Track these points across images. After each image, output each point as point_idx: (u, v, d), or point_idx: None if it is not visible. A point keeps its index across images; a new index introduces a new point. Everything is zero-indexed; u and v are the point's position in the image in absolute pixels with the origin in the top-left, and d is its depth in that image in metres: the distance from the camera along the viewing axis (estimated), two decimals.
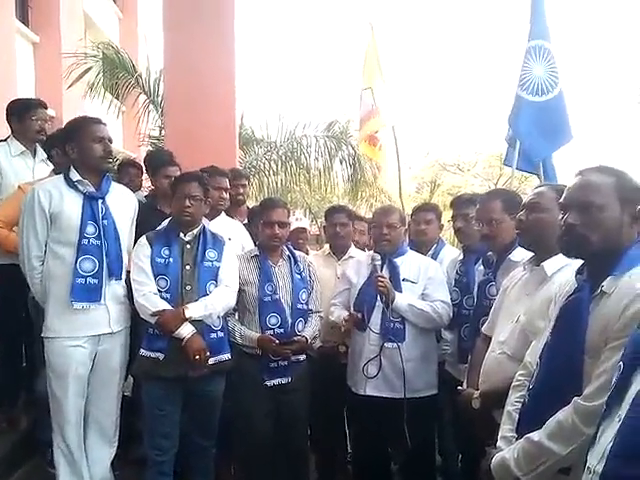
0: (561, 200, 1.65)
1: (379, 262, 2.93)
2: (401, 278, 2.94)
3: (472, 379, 2.25)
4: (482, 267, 2.75)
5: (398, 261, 2.98)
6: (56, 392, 2.63)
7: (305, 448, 3.09)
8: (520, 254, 2.33)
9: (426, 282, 2.95)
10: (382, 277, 2.86)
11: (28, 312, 3.18)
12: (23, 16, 9.89)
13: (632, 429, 1.09)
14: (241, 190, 3.80)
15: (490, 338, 2.24)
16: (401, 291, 2.90)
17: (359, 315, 2.91)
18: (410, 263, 3.01)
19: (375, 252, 3.01)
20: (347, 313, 2.98)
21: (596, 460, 1.18)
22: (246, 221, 3.76)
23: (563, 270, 1.96)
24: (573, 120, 4.48)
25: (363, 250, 3.76)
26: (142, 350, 2.65)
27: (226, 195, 3.37)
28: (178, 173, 3.25)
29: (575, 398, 1.45)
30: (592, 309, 1.52)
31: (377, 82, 5.45)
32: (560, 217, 1.63)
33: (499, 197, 2.60)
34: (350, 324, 2.92)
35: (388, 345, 2.85)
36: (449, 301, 2.93)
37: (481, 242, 2.71)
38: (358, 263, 3.13)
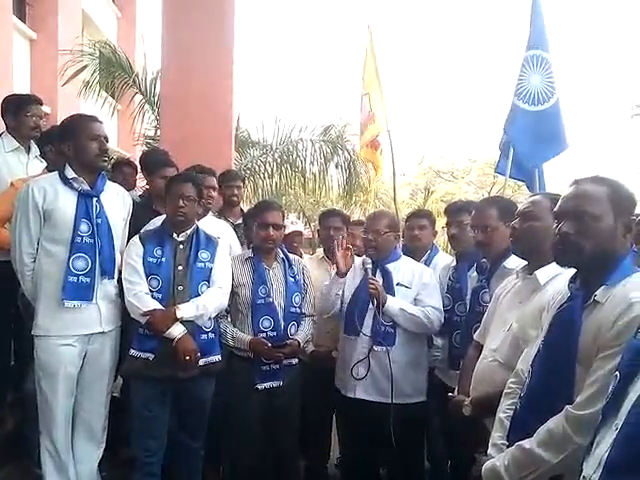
0: (556, 209, 1.66)
1: (370, 266, 2.95)
2: (395, 283, 2.95)
3: (463, 386, 2.25)
4: (476, 274, 2.76)
5: (391, 267, 2.99)
6: (45, 391, 2.61)
7: (295, 452, 3.08)
8: (514, 261, 2.34)
9: (420, 288, 2.96)
10: (374, 280, 2.87)
11: (18, 310, 3.16)
12: (21, 13, 9.87)
13: (629, 438, 1.09)
14: (236, 191, 3.79)
15: (482, 345, 2.24)
16: (394, 295, 2.91)
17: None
18: (404, 268, 3.02)
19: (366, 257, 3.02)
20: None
21: (592, 469, 1.17)
22: (240, 221, 3.76)
23: (556, 279, 1.97)
24: (569, 129, 4.52)
25: (360, 255, 3.75)
26: (132, 350, 2.63)
27: (214, 194, 3.36)
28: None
29: (566, 406, 1.45)
30: (585, 318, 1.52)
31: (374, 87, 5.46)
32: (554, 226, 1.64)
33: (495, 204, 2.61)
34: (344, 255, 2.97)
35: (377, 348, 2.86)
36: (441, 307, 2.94)
37: (475, 249, 2.72)
38: (352, 268, 3.12)
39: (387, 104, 5.39)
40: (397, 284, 2.96)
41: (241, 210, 3.93)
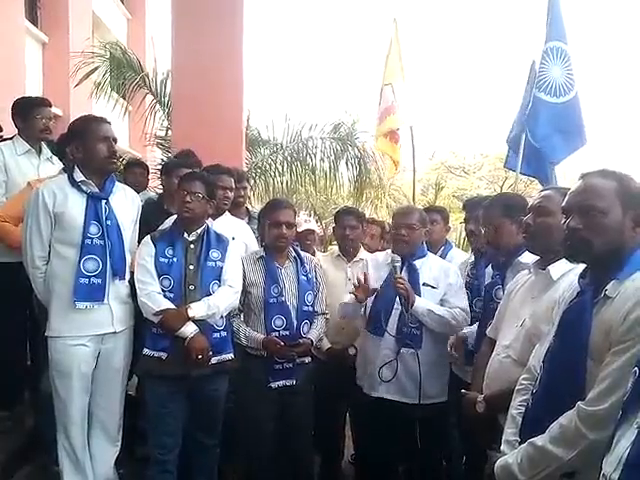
0: (563, 204, 1.65)
1: (399, 263, 2.87)
2: (421, 282, 2.90)
3: (477, 383, 2.24)
4: (491, 269, 2.74)
5: (417, 264, 2.94)
6: (60, 391, 2.63)
7: (309, 449, 3.07)
8: (529, 256, 2.31)
9: (446, 288, 2.90)
10: (402, 279, 2.82)
11: (33, 310, 3.19)
12: (32, 16, 9.95)
13: None
14: (242, 192, 3.79)
15: (495, 341, 2.23)
16: (420, 295, 2.85)
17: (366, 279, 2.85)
18: (430, 267, 2.96)
19: (394, 253, 2.95)
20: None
21: (612, 468, 1.15)
22: (246, 220, 3.76)
23: (569, 274, 1.95)
24: (587, 124, 4.45)
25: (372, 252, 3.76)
26: (145, 349, 2.65)
27: (230, 194, 3.35)
28: None
29: (578, 402, 1.44)
30: (595, 313, 1.51)
31: (398, 79, 5.43)
32: (563, 221, 1.63)
33: (499, 202, 2.61)
34: (362, 289, 2.85)
35: (405, 350, 2.81)
36: (467, 309, 2.88)
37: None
38: (377, 264, 3.06)
39: (411, 96, 5.38)
40: (423, 284, 2.90)
41: (247, 209, 3.94)
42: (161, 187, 3.82)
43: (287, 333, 2.84)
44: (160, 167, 3.88)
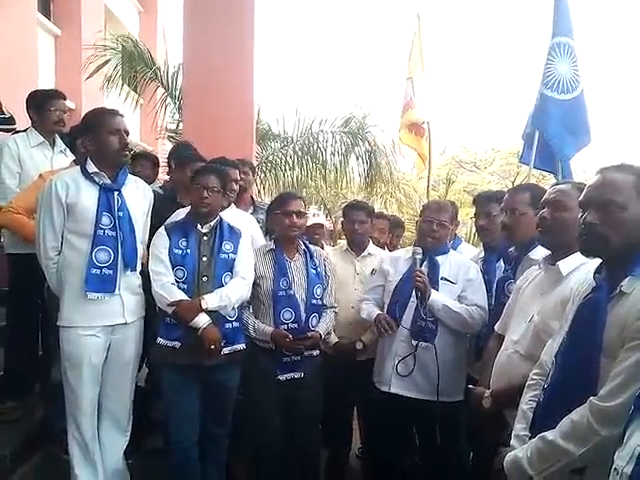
0: (580, 198, 1.63)
1: (420, 256, 2.86)
2: (440, 277, 2.87)
3: (484, 378, 2.23)
4: (502, 264, 2.71)
5: (439, 259, 2.91)
6: (71, 381, 2.66)
7: (317, 442, 3.08)
8: (540, 252, 2.29)
9: (465, 284, 2.87)
10: (421, 272, 2.81)
11: (44, 301, 3.22)
12: (45, 9, 10.00)
13: None
14: (243, 176, 3.77)
15: (503, 337, 2.22)
16: (438, 290, 2.83)
17: (389, 320, 2.83)
18: (451, 263, 2.93)
19: (417, 246, 2.94)
20: (378, 312, 2.93)
21: (624, 461, 1.15)
22: (250, 210, 3.76)
23: (579, 270, 1.94)
24: (594, 121, 4.40)
25: (382, 248, 3.76)
26: (159, 339, 2.67)
27: (236, 186, 3.36)
28: None
29: (591, 398, 1.43)
30: (610, 309, 1.50)
31: (418, 73, 5.42)
32: (579, 216, 1.61)
33: (529, 190, 2.56)
34: (381, 326, 2.86)
35: (422, 345, 2.79)
36: (486, 306, 2.83)
37: (503, 239, 2.67)
38: (394, 260, 3.06)
39: (430, 92, 5.36)
40: (441, 278, 2.87)
41: (251, 198, 3.93)
42: (170, 180, 3.82)
43: (295, 326, 2.85)
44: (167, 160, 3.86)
